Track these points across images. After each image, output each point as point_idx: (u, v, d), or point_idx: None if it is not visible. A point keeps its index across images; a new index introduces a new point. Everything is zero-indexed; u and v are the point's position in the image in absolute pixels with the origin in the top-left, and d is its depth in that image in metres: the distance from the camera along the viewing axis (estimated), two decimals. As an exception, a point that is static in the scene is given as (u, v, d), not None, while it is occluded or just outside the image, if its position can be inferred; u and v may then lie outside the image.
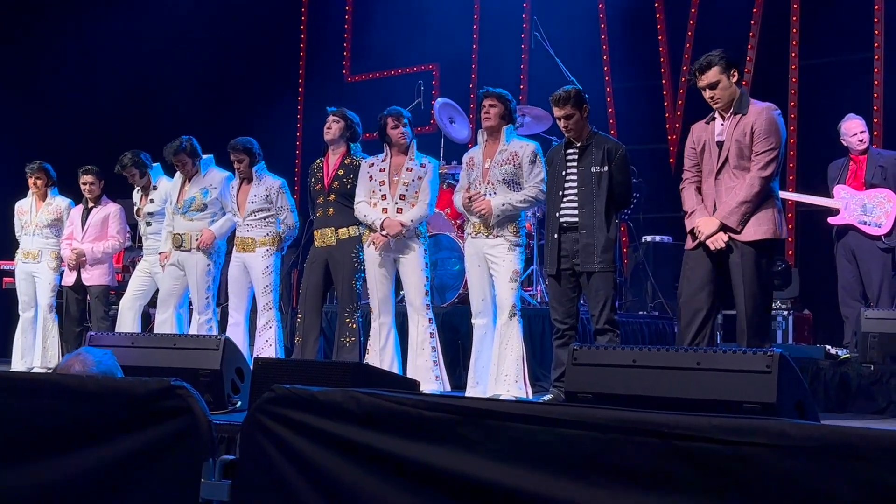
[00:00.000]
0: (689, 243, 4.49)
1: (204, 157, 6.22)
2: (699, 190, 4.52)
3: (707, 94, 4.41)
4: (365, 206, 5.36)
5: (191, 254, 6.03)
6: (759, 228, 4.30)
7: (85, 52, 9.87)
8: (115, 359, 3.30)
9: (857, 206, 6.21)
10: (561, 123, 4.91)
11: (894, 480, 1.71)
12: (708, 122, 4.53)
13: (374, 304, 5.39)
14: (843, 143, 6.37)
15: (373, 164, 5.44)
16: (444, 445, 2.22)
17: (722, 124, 4.43)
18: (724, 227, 4.30)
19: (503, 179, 5.03)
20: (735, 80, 4.39)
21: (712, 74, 4.37)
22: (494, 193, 5.03)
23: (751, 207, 4.29)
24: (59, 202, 7.08)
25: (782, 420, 1.91)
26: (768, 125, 4.33)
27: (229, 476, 2.40)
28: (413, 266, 5.28)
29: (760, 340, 4.25)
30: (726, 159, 4.38)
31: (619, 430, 1.99)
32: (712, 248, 4.32)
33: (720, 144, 4.41)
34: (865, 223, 6.16)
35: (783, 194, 6.90)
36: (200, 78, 10.42)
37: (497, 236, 5.04)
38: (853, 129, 6.29)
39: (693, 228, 4.44)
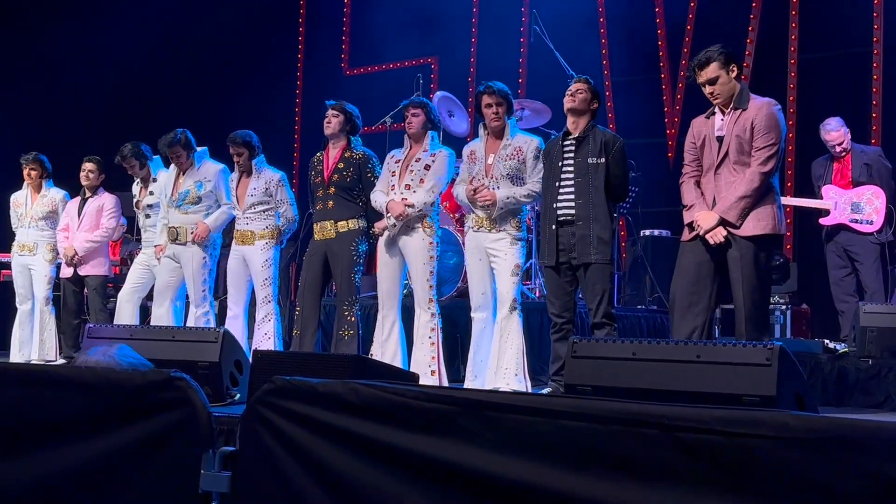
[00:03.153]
0: (686, 235, 4.50)
1: (198, 149, 6.20)
2: (698, 184, 4.52)
3: (707, 89, 4.39)
4: (378, 194, 5.37)
5: (186, 247, 6.03)
6: (758, 224, 4.29)
7: (84, 43, 9.84)
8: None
9: (846, 204, 6.23)
10: (569, 93, 4.87)
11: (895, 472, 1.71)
12: (708, 117, 4.52)
13: (380, 296, 5.41)
14: (825, 142, 6.43)
15: (393, 156, 5.46)
16: (444, 437, 2.21)
17: (722, 119, 4.42)
18: (723, 222, 4.29)
19: (507, 174, 5.03)
20: (734, 74, 4.37)
21: (711, 70, 4.35)
22: (498, 188, 5.02)
23: (750, 202, 4.28)
24: (54, 194, 7.07)
25: (784, 412, 1.90)
26: (769, 121, 4.30)
27: (229, 468, 2.40)
28: (416, 258, 5.27)
29: (759, 335, 4.25)
30: (726, 154, 4.37)
31: (620, 421, 1.99)
32: (711, 242, 4.31)
33: (720, 139, 4.40)
34: (857, 221, 6.19)
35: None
36: (199, 71, 10.41)
37: (499, 230, 5.03)
38: (832, 140, 6.35)
39: (692, 221, 4.43)
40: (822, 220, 6.36)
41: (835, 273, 6.36)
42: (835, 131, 6.35)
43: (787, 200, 6.99)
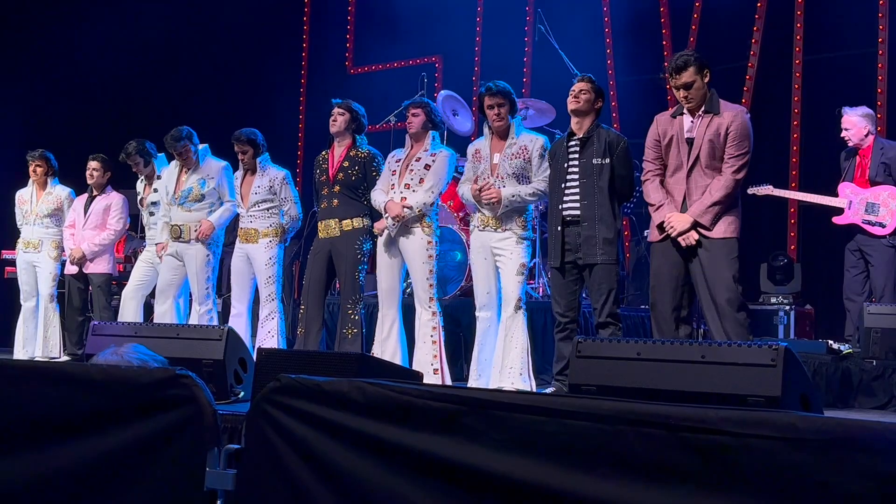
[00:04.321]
0: (655, 236, 4.56)
1: (200, 146, 6.21)
2: (662, 183, 4.57)
3: (681, 93, 4.45)
4: (378, 193, 5.38)
5: (190, 245, 6.02)
6: (727, 227, 4.39)
7: (90, 41, 9.85)
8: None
9: (861, 204, 6.16)
10: (573, 95, 4.88)
11: (902, 473, 1.71)
12: (674, 116, 4.56)
13: (379, 295, 5.41)
14: None
15: (395, 156, 5.47)
16: (449, 435, 2.22)
17: (692, 121, 4.47)
18: (696, 225, 4.38)
19: (513, 173, 5.03)
20: (707, 80, 4.45)
21: (688, 75, 4.41)
22: (504, 187, 5.03)
23: (723, 208, 4.38)
24: (59, 191, 7.07)
25: (790, 412, 1.90)
26: (743, 129, 4.40)
27: (234, 465, 2.41)
28: (417, 257, 5.27)
29: (743, 335, 4.26)
30: (697, 157, 4.43)
31: (626, 421, 1.99)
32: (683, 244, 4.40)
33: (690, 141, 4.45)
34: (870, 223, 6.12)
35: (788, 193, 6.91)
36: (204, 69, 10.40)
37: (505, 229, 5.03)
38: (842, 125, 6.26)
39: (662, 222, 4.48)
40: (835, 219, 6.26)
41: (848, 271, 6.31)
42: (843, 116, 6.28)
43: (803, 196, 6.85)
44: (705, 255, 4.38)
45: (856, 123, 6.23)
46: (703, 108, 4.44)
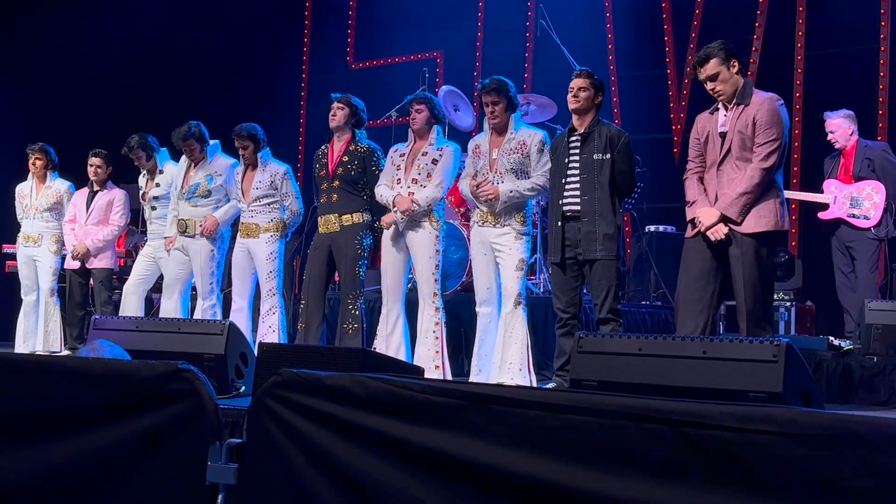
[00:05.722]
0: (689, 232, 4.51)
1: (210, 143, 6.21)
2: (701, 180, 4.52)
3: (709, 86, 4.40)
4: (384, 188, 5.37)
5: (195, 240, 6.03)
6: (759, 220, 4.29)
7: (91, 35, 9.84)
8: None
9: (845, 199, 6.24)
10: (572, 93, 4.87)
11: (904, 469, 1.72)
12: (712, 113, 4.52)
13: (384, 290, 5.40)
14: None
15: (397, 150, 5.46)
16: (451, 430, 2.22)
17: (725, 115, 4.42)
18: (724, 219, 4.30)
19: (511, 168, 5.02)
20: (736, 70, 4.37)
21: (711, 66, 4.36)
22: (502, 182, 5.02)
23: (751, 199, 4.28)
24: (59, 185, 7.07)
25: (792, 408, 1.91)
26: (770, 116, 4.30)
27: (236, 459, 2.41)
28: (422, 252, 5.27)
29: (760, 333, 4.23)
30: (728, 150, 4.37)
31: (628, 416, 1.99)
32: (712, 238, 4.32)
33: (723, 135, 4.40)
34: (855, 216, 6.19)
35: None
36: (205, 64, 10.40)
37: (504, 225, 5.03)
38: (826, 129, 6.37)
39: (693, 218, 4.44)
40: (820, 214, 6.37)
41: (839, 269, 6.37)
42: (826, 120, 6.40)
43: (788, 194, 6.96)
44: (735, 251, 4.30)
45: (840, 125, 6.34)
46: (735, 100, 4.37)
